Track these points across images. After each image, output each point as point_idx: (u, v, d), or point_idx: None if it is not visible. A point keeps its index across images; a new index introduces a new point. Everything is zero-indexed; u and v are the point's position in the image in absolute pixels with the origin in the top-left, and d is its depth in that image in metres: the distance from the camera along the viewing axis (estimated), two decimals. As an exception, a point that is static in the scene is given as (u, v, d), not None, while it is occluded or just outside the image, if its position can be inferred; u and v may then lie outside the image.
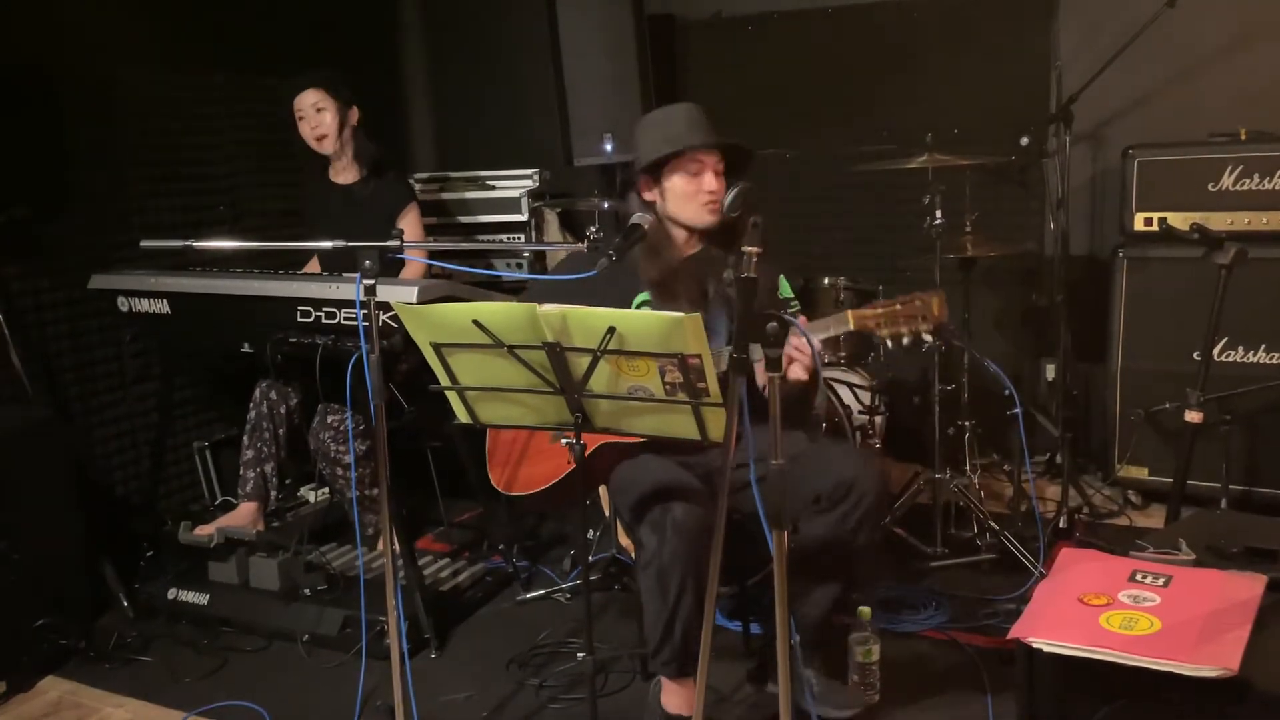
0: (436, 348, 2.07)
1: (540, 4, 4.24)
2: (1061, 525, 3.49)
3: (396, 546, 2.78)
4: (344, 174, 3.65)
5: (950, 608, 3.04)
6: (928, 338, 2.22)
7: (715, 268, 2.54)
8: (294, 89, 3.54)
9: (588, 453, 2.23)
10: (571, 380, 2.00)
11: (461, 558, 3.56)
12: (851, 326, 2.27)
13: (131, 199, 3.71)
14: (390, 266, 3.43)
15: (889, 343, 2.28)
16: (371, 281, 2.25)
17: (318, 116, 3.52)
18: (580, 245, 3.88)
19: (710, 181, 2.51)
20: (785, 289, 2.68)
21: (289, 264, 3.75)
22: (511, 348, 1.99)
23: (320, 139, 3.54)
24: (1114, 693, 1.85)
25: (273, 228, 4.02)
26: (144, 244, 2.71)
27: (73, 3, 3.51)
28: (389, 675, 2.40)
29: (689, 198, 2.51)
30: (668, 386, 1.94)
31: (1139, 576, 2.07)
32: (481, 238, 4.39)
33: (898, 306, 2.24)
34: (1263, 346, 3.52)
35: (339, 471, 3.43)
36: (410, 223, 3.61)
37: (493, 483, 2.63)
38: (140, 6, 3.70)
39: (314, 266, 3.74)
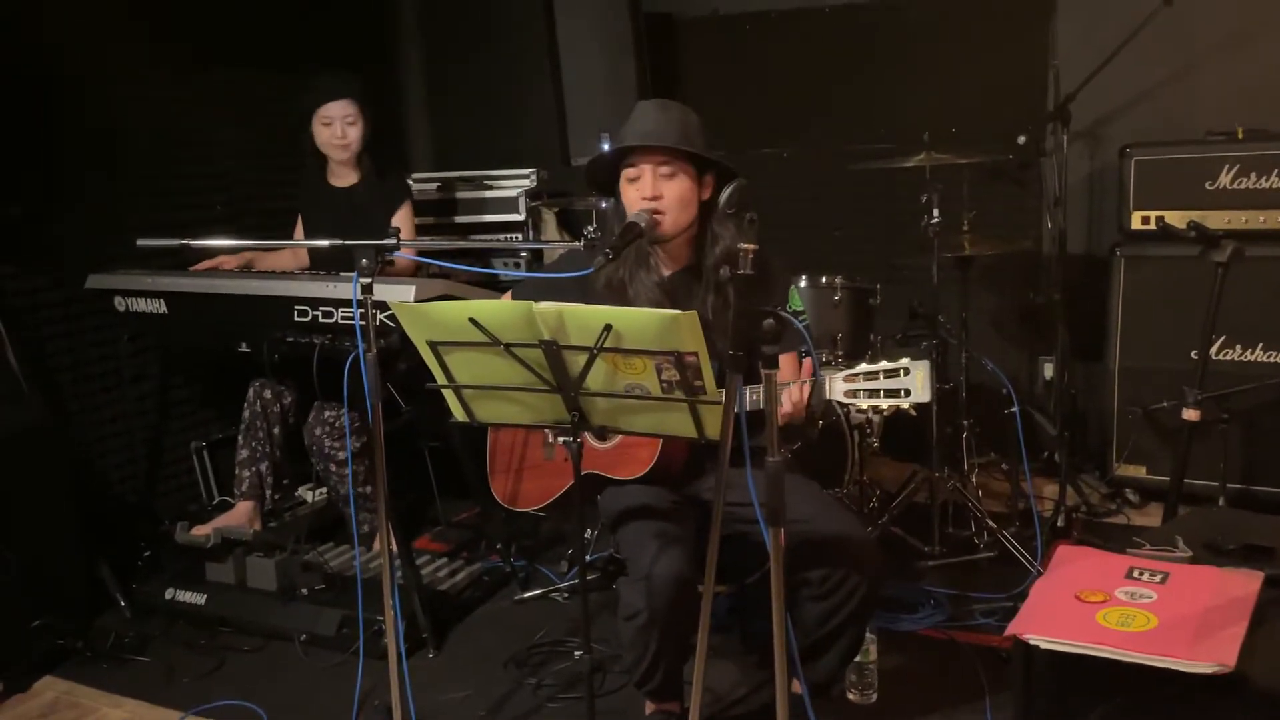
0: (433, 346, 2.06)
1: (538, 3, 4.23)
2: (1059, 524, 3.49)
3: (394, 546, 2.78)
4: (343, 178, 3.61)
5: (948, 606, 3.04)
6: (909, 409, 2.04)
7: (697, 289, 2.36)
8: (327, 95, 3.44)
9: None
10: (568, 378, 2.00)
11: (459, 557, 3.55)
12: (839, 397, 2.08)
13: (128, 198, 3.70)
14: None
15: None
16: (368, 280, 2.24)
17: (348, 128, 3.46)
18: (577, 244, 3.87)
19: (646, 188, 2.27)
20: (795, 301, 2.47)
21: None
22: (508, 346, 1.98)
23: (344, 148, 3.48)
24: (1111, 690, 1.85)
25: (269, 228, 4.01)
26: (140, 243, 2.67)
27: (69, 2, 3.50)
28: (386, 675, 2.39)
29: (630, 207, 2.30)
30: (664, 385, 1.93)
31: (1136, 573, 2.07)
32: (479, 237, 4.39)
33: (881, 378, 2.07)
34: (1260, 345, 3.52)
35: (333, 468, 3.42)
36: (403, 218, 3.60)
37: (496, 497, 2.64)
38: (136, 5, 3.69)
39: (301, 254, 3.70)
